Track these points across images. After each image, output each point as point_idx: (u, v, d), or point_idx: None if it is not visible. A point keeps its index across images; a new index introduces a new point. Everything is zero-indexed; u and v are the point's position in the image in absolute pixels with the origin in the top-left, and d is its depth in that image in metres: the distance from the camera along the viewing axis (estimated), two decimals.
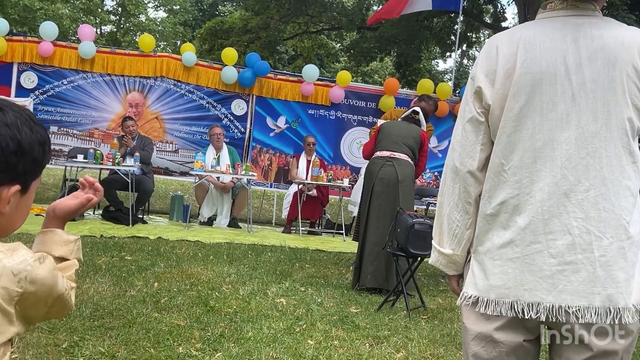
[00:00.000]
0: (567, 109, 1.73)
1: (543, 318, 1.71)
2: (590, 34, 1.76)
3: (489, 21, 21.18)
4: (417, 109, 6.27)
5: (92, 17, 29.38)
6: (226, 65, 10.08)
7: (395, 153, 5.92)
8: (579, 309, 1.69)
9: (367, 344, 4.09)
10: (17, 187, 1.25)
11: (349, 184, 9.41)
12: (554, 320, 1.71)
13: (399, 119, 6.40)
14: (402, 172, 5.85)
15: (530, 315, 1.72)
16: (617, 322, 1.68)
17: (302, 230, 9.46)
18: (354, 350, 3.93)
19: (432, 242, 2.02)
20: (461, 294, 1.88)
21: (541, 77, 1.75)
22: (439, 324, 4.81)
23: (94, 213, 9.25)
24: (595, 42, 1.74)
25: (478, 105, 1.86)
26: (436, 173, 10.73)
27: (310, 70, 10.42)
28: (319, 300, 5.16)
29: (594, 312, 1.68)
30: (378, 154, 6.00)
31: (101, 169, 9.01)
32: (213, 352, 3.64)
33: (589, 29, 1.77)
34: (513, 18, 17.74)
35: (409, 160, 5.93)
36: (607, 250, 1.69)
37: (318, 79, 10.50)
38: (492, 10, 20.90)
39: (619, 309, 1.68)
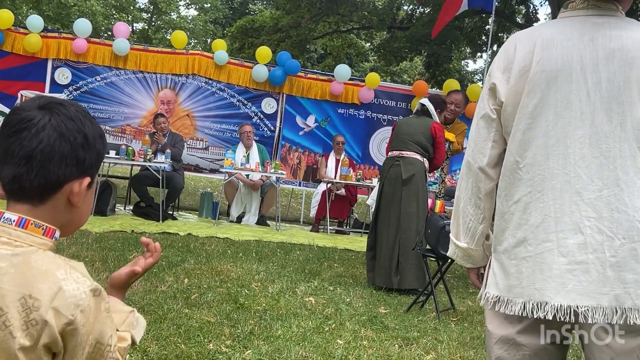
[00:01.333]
0: (582, 108, 1.73)
1: (550, 317, 1.70)
2: (609, 34, 1.75)
3: (520, 21, 20.97)
4: (424, 100, 6.19)
5: (124, 15, 29.68)
6: (258, 63, 10.12)
7: (403, 152, 5.92)
8: (587, 309, 1.67)
9: (396, 345, 4.08)
10: (88, 180, 1.26)
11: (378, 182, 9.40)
12: (563, 319, 1.70)
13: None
14: (406, 170, 5.82)
15: (540, 315, 1.71)
16: (621, 322, 1.66)
17: (330, 229, 9.46)
18: (383, 351, 3.92)
19: (450, 234, 2.05)
20: (483, 294, 1.89)
21: (557, 75, 1.75)
22: (468, 326, 4.78)
23: (124, 209, 9.35)
24: (613, 42, 1.73)
25: (492, 102, 1.87)
26: None
27: (343, 70, 10.42)
28: (348, 299, 5.15)
29: (601, 313, 1.67)
30: (389, 154, 6.06)
31: (132, 165, 9.12)
32: (243, 350, 3.65)
33: (608, 29, 1.76)
34: (545, 18, 17.62)
35: (418, 157, 5.86)
36: (617, 252, 1.67)
37: (348, 79, 10.50)
38: (524, 11, 20.69)
39: (624, 309, 1.66)
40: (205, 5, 32.55)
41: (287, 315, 4.45)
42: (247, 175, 9.21)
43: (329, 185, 9.46)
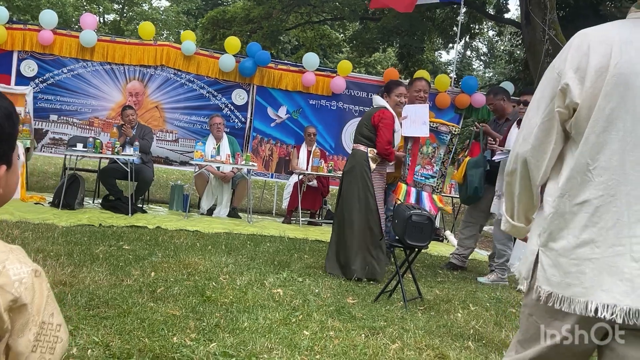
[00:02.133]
0: None
1: (620, 320, 1.71)
2: None
3: (492, 12, 21.07)
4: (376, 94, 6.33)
5: (95, 6, 29.32)
6: (227, 53, 10.03)
7: (353, 146, 6.16)
8: None
9: (363, 335, 4.07)
10: (4, 168, 1.24)
11: None
12: (630, 322, 1.70)
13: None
14: (348, 163, 6.11)
15: (604, 316, 1.72)
16: None
17: (302, 220, 9.44)
18: (349, 341, 3.91)
19: (505, 215, 2.09)
20: (534, 287, 1.88)
21: (636, 78, 1.73)
22: (435, 315, 4.80)
23: (93, 202, 9.25)
24: None
25: (561, 103, 1.84)
26: None
27: (311, 59, 10.37)
28: (317, 290, 5.14)
29: None
30: None
31: (101, 157, 9.02)
32: (208, 342, 3.62)
33: None
34: (516, 9, 17.62)
35: (361, 148, 5.97)
36: None
37: (319, 69, 10.46)
38: (494, 2, 20.78)
39: None
40: None
41: (254, 307, 4.42)
42: (218, 168, 9.14)
43: (300, 176, 9.44)
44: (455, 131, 6.16)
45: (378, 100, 6.12)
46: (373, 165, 5.88)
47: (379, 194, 5.89)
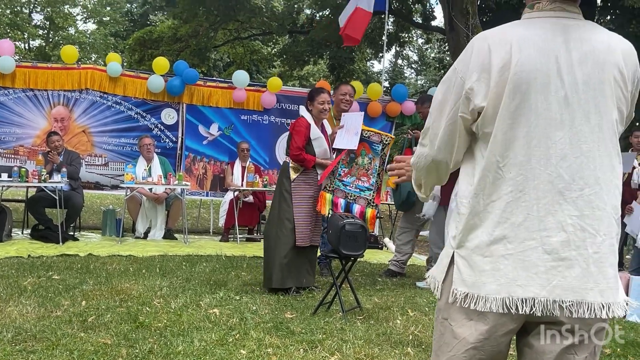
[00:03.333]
0: (561, 109, 1.77)
1: (539, 313, 1.74)
2: (580, 37, 1.80)
3: (419, 21, 21.42)
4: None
5: (19, 32, 28.57)
6: (154, 74, 9.88)
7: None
8: (572, 304, 1.74)
9: (302, 349, 4.02)
10: None
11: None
12: (549, 314, 1.74)
13: None
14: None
15: (525, 310, 1.74)
16: (609, 315, 1.75)
17: (239, 237, 9.34)
18: (287, 357, 3.85)
19: (415, 189, 2.17)
20: (451, 291, 1.87)
21: (536, 75, 1.77)
22: (374, 323, 4.78)
23: (22, 233, 8.94)
24: (585, 45, 1.79)
25: (465, 108, 1.86)
26: None
27: (241, 76, 10.30)
28: (254, 308, 5.06)
29: (587, 308, 1.73)
30: None
31: (27, 186, 8.74)
32: None
33: (578, 32, 1.81)
34: (443, 17, 17.86)
35: (286, 158, 6.05)
36: (600, 247, 1.76)
37: (250, 85, 10.40)
38: (420, 10, 21.13)
39: (610, 303, 1.75)
40: (104, 18, 31.69)
41: (190, 329, 4.31)
42: (150, 189, 8.97)
43: (236, 193, 9.34)
44: (386, 141, 6.12)
45: (301, 110, 6.13)
46: (294, 175, 5.85)
47: (300, 202, 5.84)
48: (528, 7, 1.92)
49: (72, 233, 8.72)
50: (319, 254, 6.44)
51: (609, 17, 16.44)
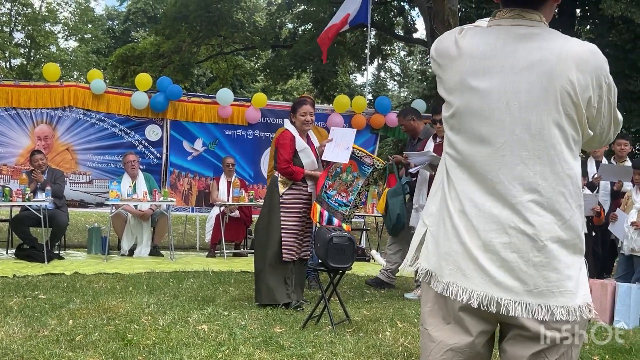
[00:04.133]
0: (502, 116, 1.83)
1: (475, 305, 1.82)
2: (530, 46, 1.84)
3: (400, 33, 21.56)
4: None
5: (0, 51, 28.43)
6: (137, 90, 9.86)
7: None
8: (509, 302, 1.80)
9: None
10: None
11: None
12: (485, 308, 1.81)
13: None
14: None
15: (463, 299, 1.83)
16: (547, 318, 1.80)
17: (226, 253, 9.31)
18: None
19: None
20: (420, 268, 1.99)
21: (478, 84, 1.85)
22: (364, 336, 4.77)
23: (7, 253, 8.85)
24: (533, 55, 1.83)
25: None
26: None
27: (225, 94, 10.29)
28: (243, 323, 5.04)
29: (524, 308, 1.80)
30: None
31: (12, 206, 8.65)
32: None
33: (530, 41, 1.85)
34: (425, 29, 17.92)
35: (275, 174, 5.96)
36: (540, 252, 1.80)
37: (234, 100, 10.40)
38: (402, 23, 21.28)
39: (549, 305, 1.80)
40: (85, 36, 31.60)
41: (178, 346, 4.28)
42: (136, 206, 8.93)
43: (222, 208, 9.32)
44: (378, 166, 6.10)
45: (285, 123, 6.12)
46: (283, 189, 5.84)
47: (289, 216, 5.82)
48: (492, 15, 1.99)
49: (57, 252, 8.65)
50: None
51: (588, 27, 16.65)
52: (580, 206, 1.88)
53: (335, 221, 5.91)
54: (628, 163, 8.02)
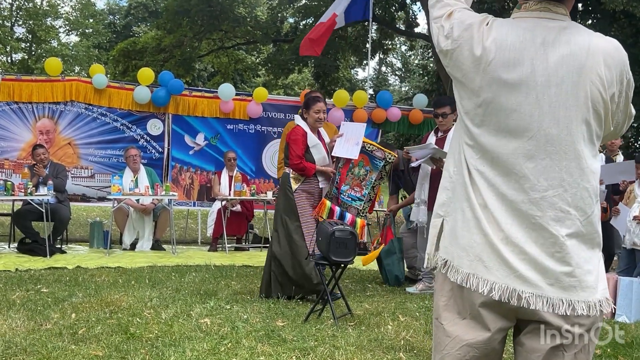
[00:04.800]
0: (531, 111, 1.81)
1: (497, 297, 1.81)
2: (559, 39, 1.82)
3: (402, 28, 21.51)
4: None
5: (1, 46, 28.44)
6: (139, 85, 9.85)
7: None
8: (531, 296, 1.80)
9: (294, 357, 4.02)
10: None
11: (273, 196, 9.32)
12: (506, 301, 1.80)
13: None
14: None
15: (484, 291, 1.82)
16: (569, 312, 1.80)
17: (228, 247, 9.32)
18: None
19: None
20: (440, 261, 1.98)
21: (508, 76, 1.82)
22: (366, 329, 4.79)
23: (9, 247, 8.87)
24: (563, 48, 1.81)
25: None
26: None
27: (226, 89, 10.28)
28: (245, 316, 5.05)
29: (546, 302, 1.80)
30: None
31: (14, 200, 8.67)
32: None
33: (559, 34, 1.83)
34: (427, 23, 17.87)
35: (287, 170, 6.00)
36: (562, 247, 1.80)
37: (236, 94, 10.39)
38: (404, 17, 21.22)
39: (571, 300, 1.80)
40: (86, 30, 31.59)
41: (181, 340, 4.30)
42: (137, 200, 8.94)
43: (223, 202, 9.33)
44: (390, 159, 6.08)
45: (296, 119, 6.11)
46: (295, 185, 5.85)
47: (305, 211, 5.85)
48: (516, 7, 1.96)
49: (59, 246, 8.67)
50: None
51: (590, 21, 16.60)
52: (599, 201, 1.89)
53: (349, 217, 5.92)
54: (620, 157, 8.02)
